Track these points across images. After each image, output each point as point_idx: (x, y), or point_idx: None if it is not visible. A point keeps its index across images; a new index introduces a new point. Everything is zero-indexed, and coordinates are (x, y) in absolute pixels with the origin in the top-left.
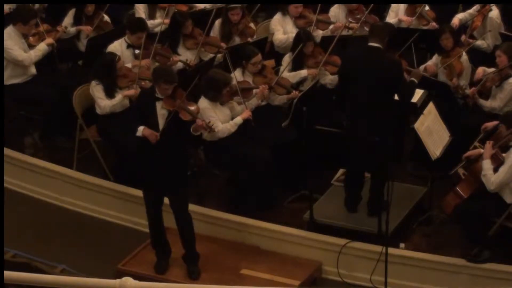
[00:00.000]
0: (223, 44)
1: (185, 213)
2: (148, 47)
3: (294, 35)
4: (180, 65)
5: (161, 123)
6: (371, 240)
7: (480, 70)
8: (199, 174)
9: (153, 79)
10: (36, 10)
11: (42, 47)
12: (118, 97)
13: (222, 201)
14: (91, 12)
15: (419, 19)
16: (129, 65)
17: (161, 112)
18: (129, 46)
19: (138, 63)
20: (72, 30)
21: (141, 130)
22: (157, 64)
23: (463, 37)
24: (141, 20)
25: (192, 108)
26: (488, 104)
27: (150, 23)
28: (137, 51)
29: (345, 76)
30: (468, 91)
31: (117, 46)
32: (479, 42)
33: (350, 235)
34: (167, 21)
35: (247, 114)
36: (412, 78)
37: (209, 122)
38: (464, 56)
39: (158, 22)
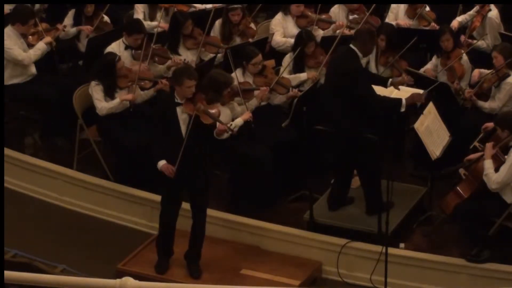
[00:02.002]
0: (222, 45)
1: (205, 213)
2: (147, 48)
3: (292, 40)
4: None
5: (183, 128)
6: (371, 240)
7: (476, 72)
8: None
9: (175, 79)
10: (36, 10)
11: (41, 46)
12: (116, 100)
13: (222, 201)
14: (90, 12)
15: (420, 20)
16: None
17: (182, 117)
18: (127, 47)
19: (137, 64)
20: (72, 30)
21: (160, 165)
22: (156, 64)
23: (462, 38)
24: (137, 21)
25: (213, 111)
26: (487, 105)
27: (147, 24)
28: (134, 52)
29: None
30: (466, 92)
31: (115, 48)
32: (479, 43)
33: (350, 235)
34: (162, 25)
35: (247, 115)
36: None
37: (231, 125)
38: (465, 57)
39: (155, 25)
